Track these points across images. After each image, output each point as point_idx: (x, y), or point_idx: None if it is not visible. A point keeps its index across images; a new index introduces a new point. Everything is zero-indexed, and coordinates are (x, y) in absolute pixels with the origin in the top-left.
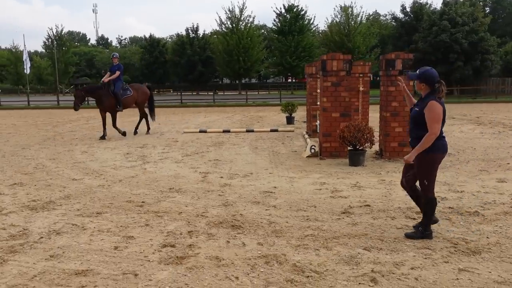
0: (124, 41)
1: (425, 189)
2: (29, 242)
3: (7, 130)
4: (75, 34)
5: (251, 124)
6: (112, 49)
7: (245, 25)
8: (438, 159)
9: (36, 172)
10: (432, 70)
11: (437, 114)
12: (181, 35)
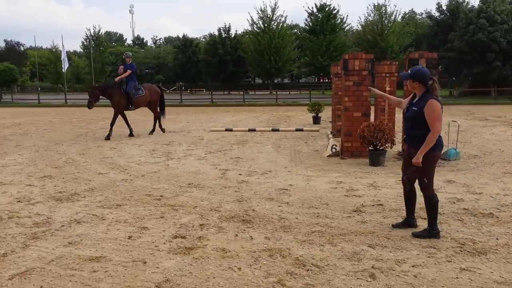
0: (159, 41)
1: (425, 187)
2: (51, 229)
3: (44, 126)
4: (113, 34)
5: (278, 123)
6: (147, 48)
7: (277, 25)
8: (438, 157)
9: (65, 166)
10: (424, 69)
11: (437, 113)
12: (213, 35)
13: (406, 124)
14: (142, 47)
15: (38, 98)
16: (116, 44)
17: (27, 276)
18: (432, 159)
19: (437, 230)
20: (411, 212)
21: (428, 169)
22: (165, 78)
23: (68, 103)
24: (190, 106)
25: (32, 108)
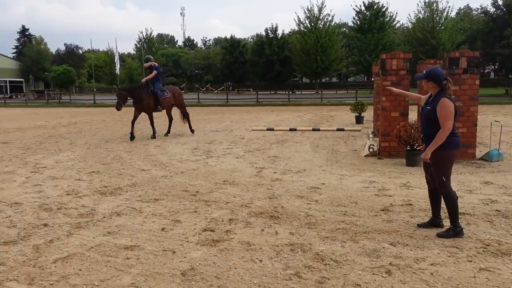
0: (208, 42)
1: (444, 185)
2: (93, 220)
3: (97, 125)
4: (164, 36)
5: (320, 123)
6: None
7: (324, 24)
8: (454, 156)
9: (112, 163)
10: (438, 69)
11: (449, 111)
12: (260, 35)
13: (422, 123)
14: (192, 48)
15: (93, 99)
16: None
17: (69, 260)
18: (447, 158)
19: (460, 227)
20: (436, 211)
21: (445, 167)
22: (213, 78)
23: None
24: (236, 106)
25: (88, 108)
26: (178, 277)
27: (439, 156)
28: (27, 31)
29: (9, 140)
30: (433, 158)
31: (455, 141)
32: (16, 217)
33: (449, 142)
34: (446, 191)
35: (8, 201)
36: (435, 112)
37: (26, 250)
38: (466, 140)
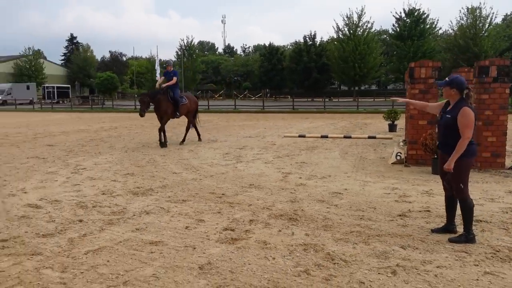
0: (247, 49)
1: (461, 192)
2: (124, 218)
3: (136, 130)
4: (205, 43)
5: (353, 130)
6: (237, 57)
7: (363, 31)
8: (471, 164)
9: (146, 166)
10: (461, 77)
11: (470, 121)
12: (298, 43)
13: (440, 131)
14: (232, 55)
15: (134, 104)
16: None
17: (99, 253)
18: (464, 166)
19: (472, 234)
20: (451, 218)
21: (462, 175)
22: (252, 85)
23: None
24: (271, 113)
25: (129, 114)
26: (195, 270)
27: (456, 164)
28: (75, 39)
29: (54, 143)
30: (454, 165)
31: (472, 150)
32: (55, 213)
33: (467, 151)
34: (464, 198)
35: (49, 199)
36: (455, 120)
37: (62, 242)
38: (495, 149)
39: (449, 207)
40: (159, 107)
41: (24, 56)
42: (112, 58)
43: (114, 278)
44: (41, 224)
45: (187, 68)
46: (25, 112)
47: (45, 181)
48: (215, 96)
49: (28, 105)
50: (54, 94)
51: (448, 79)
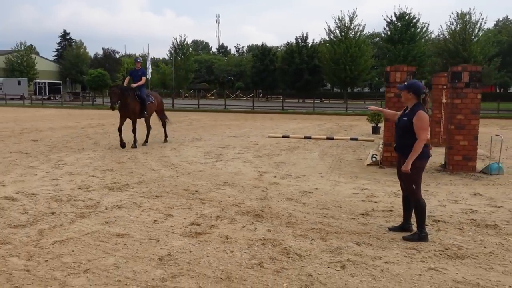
0: (241, 49)
1: (413, 192)
2: (95, 211)
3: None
4: (199, 42)
5: (338, 132)
6: (230, 57)
7: (355, 34)
8: (424, 165)
9: (127, 162)
10: (419, 83)
11: (425, 123)
12: (290, 44)
13: (397, 134)
14: (226, 55)
15: None
16: (201, 52)
17: (65, 243)
18: (418, 167)
19: (425, 233)
20: (407, 217)
21: (415, 177)
22: (244, 85)
23: None
24: (261, 113)
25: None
26: (155, 261)
27: (412, 166)
28: (68, 35)
29: (39, 138)
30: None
31: (427, 152)
32: (30, 206)
33: (422, 153)
34: (416, 198)
35: (26, 192)
36: (411, 123)
37: (31, 233)
38: (467, 153)
39: (405, 207)
40: (126, 105)
41: (15, 51)
42: (105, 55)
43: (76, 266)
44: (14, 216)
45: (179, 67)
46: (15, 108)
47: (25, 175)
48: (207, 96)
49: (19, 101)
50: (46, 90)
51: (407, 83)
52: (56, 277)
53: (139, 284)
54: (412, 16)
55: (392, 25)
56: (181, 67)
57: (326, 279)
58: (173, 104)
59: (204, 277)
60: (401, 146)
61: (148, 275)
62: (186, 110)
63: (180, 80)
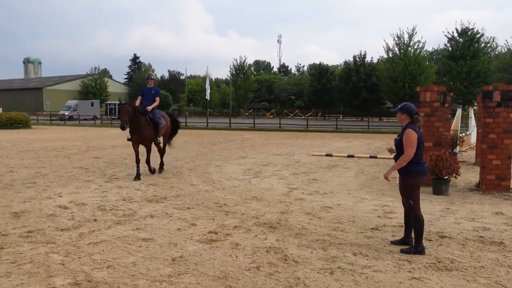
0: (302, 68)
1: (411, 207)
2: (131, 219)
3: (176, 145)
4: (261, 62)
5: (384, 151)
6: (291, 76)
7: (414, 51)
8: (419, 182)
9: (171, 178)
10: (411, 104)
11: (411, 140)
12: (348, 62)
13: (396, 152)
14: (286, 74)
15: (185, 121)
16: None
17: (98, 244)
18: (412, 184)
19: (422, 246)
20: (408, 231)
21: (411, 193)
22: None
23: (208, 126)
24: (314, 132)
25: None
26: (168, 261)
27: (406, 183)
28: (138, 58)
29: (101, 155)
30: (402, 185)
31: (420, 169)
32: (77, 213)
33: (415, 171)
34: (416, 215)
35: (77, 202)
36: (402, 141)
37: (73, 235)
38: (500, 172)
39: (406, 222)
40: (138, 129)
41: (90, 75)
42: (170, 77)
43: (102, 263)
44: (62, 221)
45: (239, 87)
46: (86, 127)
47: (80, 187)
48: (266, 115)
49: (91, 121)
50: (115, 110)
51: (400, 106)
52: (84, 270)
53: (148, 278)
54: (476, 31)
55: (453, 41)
56: (241, 87)
57: (311, 282)
58: (230, 123)
59: (205, 275)
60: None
61: (158, 272)
62: (241, 129)
63: (240, 99)
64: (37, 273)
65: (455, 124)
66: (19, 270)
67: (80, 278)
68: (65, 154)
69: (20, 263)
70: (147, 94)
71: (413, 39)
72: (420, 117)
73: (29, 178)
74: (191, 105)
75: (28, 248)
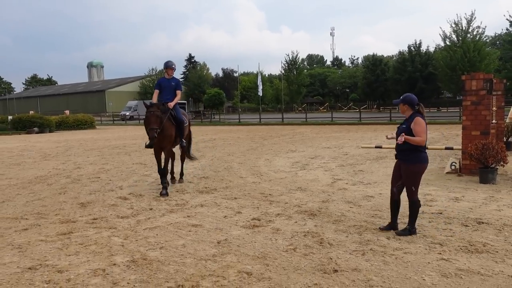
0: (356, 61)
1: (412, 193)
2: (182, 208)
3: (230, 141)
4: (314, 56)
5: (437, 141)
6: (345, 68)
7: (473, 37)
8: (423, 169)
9: (222, 171)
10: (413, 95)
11: (423, 127)
12: (402, 52)
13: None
14: (340, 67)
15: (238, 118)
16: (315, 66)
17: (153, 229)
18: (418, 170)
19: (415, 228)
20: (395, 217)
21: (416, 179)
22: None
23: (261, 122)
24: (367, 125)
25: (232, 126)
26: (213, 244)
27: (411, 169)
28: (193, 58)
29: None
30: (406, 171)
31: (425, 157)
32: (136, 204)
33: (420, 157)
34: (413, 199)
35: (136, 194)
36: (409, 128)
37: (132, 222)
38: None
39: (394, 209)
40: (161, 132)
41: (148, 76)
42: (224, 75)
43: (156, 244)
44: (123, 210)
45: (292, 82)
46: None
47: (139, 181)
48: (320, 109)
49: None
50: None
51: (402, 97)
52: (140, 250)
53: (195, 257)
54: None
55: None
56: (294, 82)
57: (342, 261)
58: (283, 118)
59: (245, 255)
60: (401, 151)
61: (204, 252)
62: (294, 124)
63: (293, 94)
64: (101, 252)
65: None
66: (86, 250)
67: (136, 256)
68: (126, 151)
69: (87, 245)
70: (166, 87)
71: (471, 25)
72: (422, 108)
73: (94, 174)
74: (245, 101)
75: (93, 232)
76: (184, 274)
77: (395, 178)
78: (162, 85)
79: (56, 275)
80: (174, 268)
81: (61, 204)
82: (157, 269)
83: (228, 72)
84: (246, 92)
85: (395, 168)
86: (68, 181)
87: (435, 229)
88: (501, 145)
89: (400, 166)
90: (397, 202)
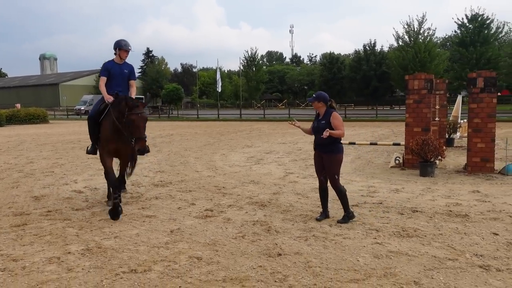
0: (314, 58)
1: (335, 181)
2: (137, 200)
3: (187, 137)
4: (273, 53)
5: (387, 138)
6: (303, 66)
7: (424, 38)
8: (341, 158)
9: (178, 166)
10: (324, 93)
11: (341, 121)
12: (358, 51)
13: (317, 135)
14: (299, 64)
15: (197, 114)
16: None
17: (107, 220)
18: (338, 160)
19: (351, 212)
20: (326, 205)
21: (338, 168)
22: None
23: (220, 117)
24: None
25: (190, 122)
26: (166, 232)
27: (334, 159)
28: (151, 52)
29: None
30: (330, 161)
31: (342, 147)
32: (91, 197)
33: (340, 148)
34: (338, 187)
35: (91, 187)
36: (329, 123)
37: (86, 214)
38: (484, 155)
39: (324, 197)
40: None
41: None
42: (183, 70)
43: (111, 234)
44: (78, 203)
45: (251, 78)
46: None
47: (94, 175)
48: (278, 106)
49: None
50: None
51: (315, 95)
52: (95, 240)
53: (148, 245)
54: (486, 17)
55: (463, 27)
56: (253, 78)
57: (286, 246)
58: (241, 114)
59: (197, 243)
60: (322, 144)
61: (157, 240)
62: (252, 120)
63: (252, 91)
64: (56, 242)
65: (455, 110)
66: (40, 240)
67: (91, 245)
68: (81, 146)
69: (41, 235)
70: (116, 74)
71: (423, 26)
72: (334, 103)
73: (48, 168)
74: (204, 97)
75: (47, 224)
76: (137, 260)
77: (318, 169)
78: (112, 71)
79: (11, 263)
80: (128, 255)
81: (14, 197)
82: (111, 256)
83: (187, 67)
84: (205, 88)
85: (316, 159)
86: (20, 175)
87: (373, 217)
88: (439, 141)
89: (322, 158)
90: (326, 190)
